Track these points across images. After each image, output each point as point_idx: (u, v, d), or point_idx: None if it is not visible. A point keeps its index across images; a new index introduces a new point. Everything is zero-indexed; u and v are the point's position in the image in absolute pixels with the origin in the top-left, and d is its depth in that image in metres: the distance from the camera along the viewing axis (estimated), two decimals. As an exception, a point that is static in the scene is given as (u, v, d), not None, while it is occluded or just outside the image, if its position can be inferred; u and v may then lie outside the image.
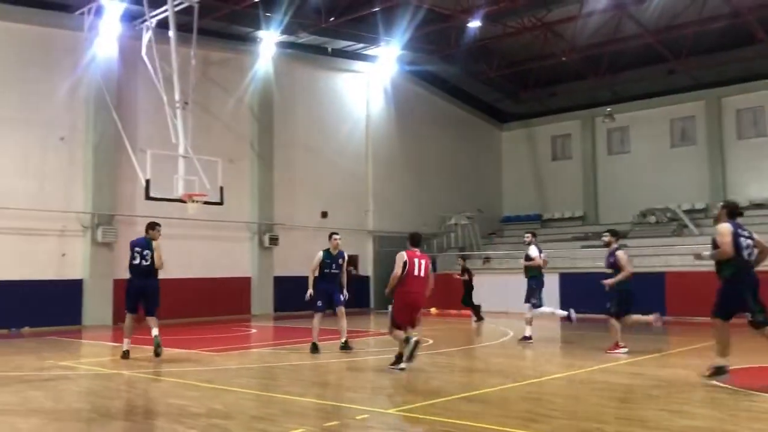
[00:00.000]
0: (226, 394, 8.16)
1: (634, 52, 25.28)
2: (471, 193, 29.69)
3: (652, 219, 26.05)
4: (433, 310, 22.96)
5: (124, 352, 11.27)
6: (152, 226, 11.63)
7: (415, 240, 9.96)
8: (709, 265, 8.41)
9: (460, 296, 20.13)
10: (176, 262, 20.08)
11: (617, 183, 28.80)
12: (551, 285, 21.30)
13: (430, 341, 13.83)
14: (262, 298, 22.33)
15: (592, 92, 28.65)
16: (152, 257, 11.31)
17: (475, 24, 22.37)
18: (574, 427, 6.39)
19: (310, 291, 11.85)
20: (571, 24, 23.43)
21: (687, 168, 27.06)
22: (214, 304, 20.82)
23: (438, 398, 7.77)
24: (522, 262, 13.92)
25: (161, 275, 11.51)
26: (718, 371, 8.13)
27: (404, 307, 9.67)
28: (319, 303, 11.78)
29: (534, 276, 13.55)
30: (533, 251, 13.61)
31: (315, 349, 11.70)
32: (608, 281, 11.28)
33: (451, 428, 6.28)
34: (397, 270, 9.54)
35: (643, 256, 21.67)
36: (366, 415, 6.87)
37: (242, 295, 21.96)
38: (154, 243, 11.40)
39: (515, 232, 30.13)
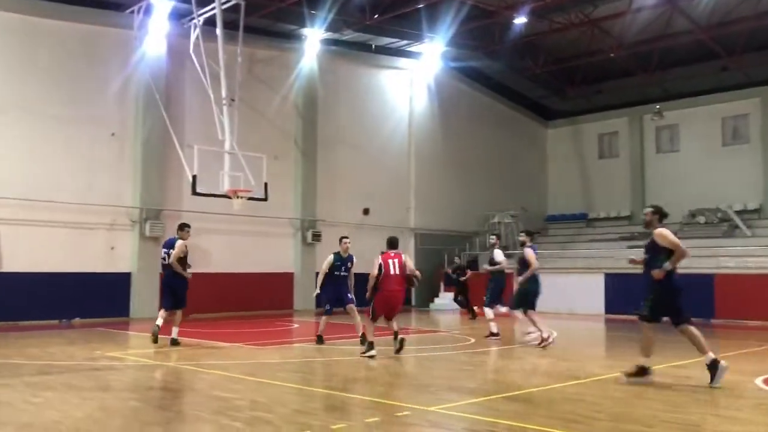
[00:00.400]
0: (268, 388, 8.24)
1: (684, 48, 24.67)
2: (515, 192, 29.39)
3: (702, 219, 25.42)
4: (477, 308, 22.80)
5: (171, 340, 11.88)
6: (181, 227, 12.32)
7: (392, 244, 11.11)
8: (756, 267, 8.17)
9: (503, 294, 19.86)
10: (221, 256, 20.56)
11: (666, 182, 28.14)
12: (597, 285, 21.07)
13: (472, 340, 13.75)
14: (305, 294, 22.48)
15: (640, 89, 28.06)
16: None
17: (520, 20, 22.13)
18: (619, 429, 6.27)
19: (317, 291, 12.57)
20: (619, 20, 22.99)
21: (739, 167, 26.30)
22: (258, 299, 21.07)
23: (480, 397, 7.72)
24: (486, 267, 14.24)
25: (203, 269, 11.92)
26: (641, 371, 8.33)
27: (385, 304, 10.77)
28: (328, 306, 12.41)
29: (495, 278, 13.98)
30: (499, 255, 14.00)
31: (320, 341, 12.43)
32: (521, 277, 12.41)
33: (492, 427, 6.23)
34: (374, 271, 10.64)
35: (691, 257, 21.15)
36: (407, 412, 6.86)
37: (285, 291, 22.16)
38: (177, 242, 11.96)
39: (560, 231, 29.74)
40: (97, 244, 18.48)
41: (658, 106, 27.15)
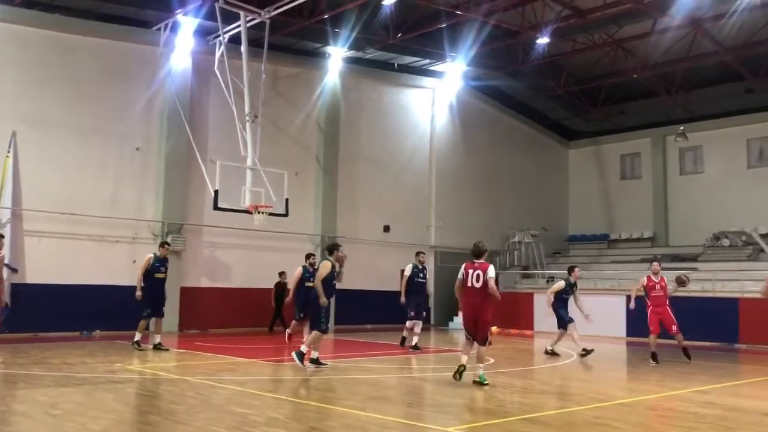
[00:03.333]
0: (286, 404, 8.22)
1: (709, 69, 24.48)
2: (536, 211, 29.22)
3: (726, 242, 25.04)
4: (494, 329, 22.65)
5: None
6: (161, 245, 14.80)
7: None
8: None
9: (516, 315, 19.46)
10: (240, 271, 20.64)
11: (689, 204, 27.83)
12: (618, 307, 20.79)
13: (491, 360, 13.63)
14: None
15: (664, 110, 27.86)
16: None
17: (543, 40, 22.11)
18: (641, 455, 6.16)
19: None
20: (643, 41, 22.89)
21: (764, 189, 25.88)
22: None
23: (498, 419, 7.63)
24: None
25: (222, 283, 12.16)
26: (316, 361, 11.36)
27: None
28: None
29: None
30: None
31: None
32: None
33: (511, 450, 6.14)
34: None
35: (715, 281, 20.86)
36: (425, 433, 6.80)
37: (304, 307, 22.12)
38: None
39: (581, 251, 29.47)
40: (119, 257, 18.60)
41: (682, 128, 26.92)
